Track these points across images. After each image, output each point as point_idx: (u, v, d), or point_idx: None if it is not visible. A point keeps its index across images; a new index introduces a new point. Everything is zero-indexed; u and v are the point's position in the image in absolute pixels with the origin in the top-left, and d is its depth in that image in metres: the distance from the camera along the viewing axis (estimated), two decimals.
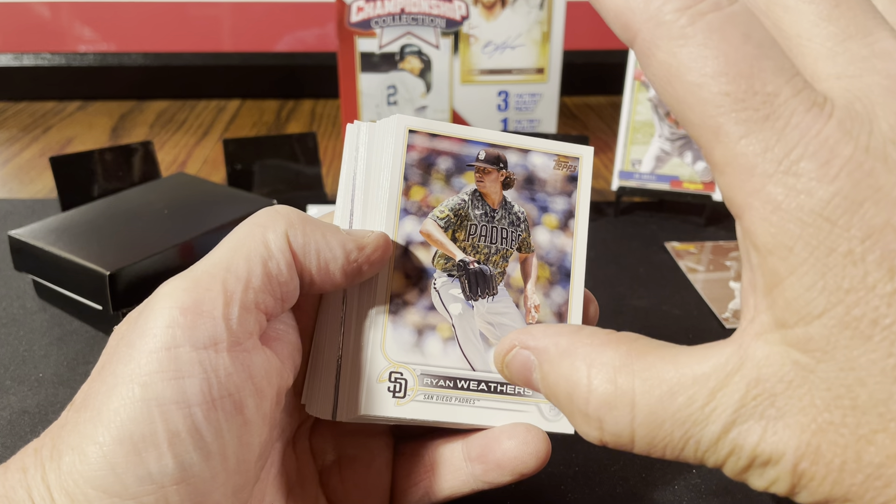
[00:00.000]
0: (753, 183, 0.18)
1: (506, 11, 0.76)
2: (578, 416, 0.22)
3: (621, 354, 0.21)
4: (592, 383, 0.21)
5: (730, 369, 0.19)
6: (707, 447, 0.20)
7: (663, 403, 0.20)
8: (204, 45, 1.03)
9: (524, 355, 0.24)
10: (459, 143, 0.31)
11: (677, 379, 0.20)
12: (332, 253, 0.27)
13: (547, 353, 0.23)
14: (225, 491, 0.23)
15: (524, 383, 0.25)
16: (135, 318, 0.24)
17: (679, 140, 0.67)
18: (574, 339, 0.23)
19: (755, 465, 0.19)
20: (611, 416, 0.21)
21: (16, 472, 0.23)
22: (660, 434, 0.20)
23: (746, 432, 0.19)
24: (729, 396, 0.19)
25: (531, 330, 0.24)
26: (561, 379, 0.22)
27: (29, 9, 1.00)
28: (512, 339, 0.25)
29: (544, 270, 0.32)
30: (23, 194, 0.73)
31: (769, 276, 0.19)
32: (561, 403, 0.23)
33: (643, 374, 0.21)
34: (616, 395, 0.21)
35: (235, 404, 0.24)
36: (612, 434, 0.21)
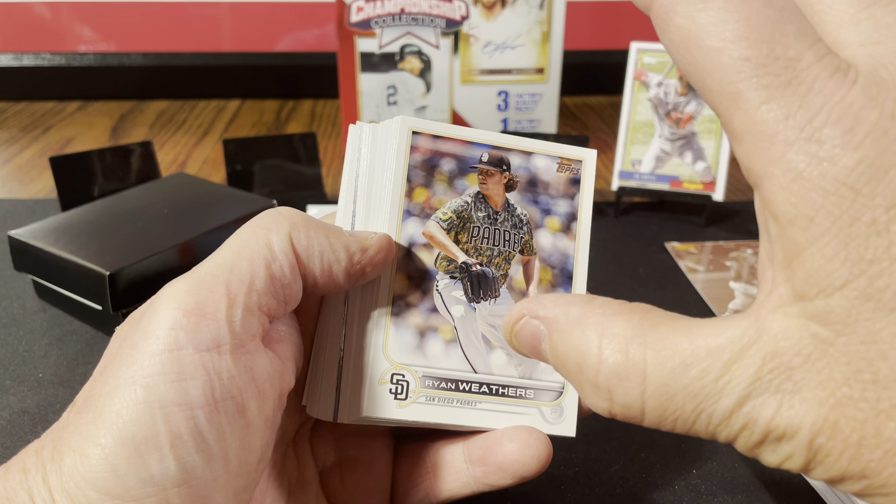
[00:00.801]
0: (774, 151, 0.18)
1: (506, 11, 0.76)
2: (588, 387, 0.22)
3: (634, 325, 0.21)
4: (603, 353, 0.21)
5: (745, 342, 0.19)
6: (719, 421, 0.19)
7: (675, 375, 0.20)
8: (204, 45, 1.03)
9: (533, 325, 0.23)
10: (462, 145, 0.31)
11: (691, 351, 0.20)
12: (335, 255, 0.27)
13: (557, 322, 0.22)
14: (226, 493, 0.23)
15: (532, 353, 0.24)
16: (137, 318, 0.24)
17: (679, 140, 0.67)
18: (585, 309, 0.22)
19: (769, 441, 0.19)
20: (621, 387, 0.20)
21: (17, 474, 0.23)
22: (671, 407, 0.20)
23: (761, 406, 0.19)
24: (744, 369, 0.19)
25: (541, 299, 0.24)
26: (571, 349, 0.22)
27: (29, 9, 0.99)
28: (521, 309, 0.24)
29: (546, 273, 0.32)
30: (23, 194, 0.73)
31: (789, 247, 0.18)
32: (570, 374, 0.22)
33: (656, 345, 0.20)
34: (627, 365, 0.20)
35: (238, 407, 0.24)
36: (622, 405, 0.21)
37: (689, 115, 0.66)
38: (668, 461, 0.39)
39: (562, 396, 0.31)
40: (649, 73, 0.67)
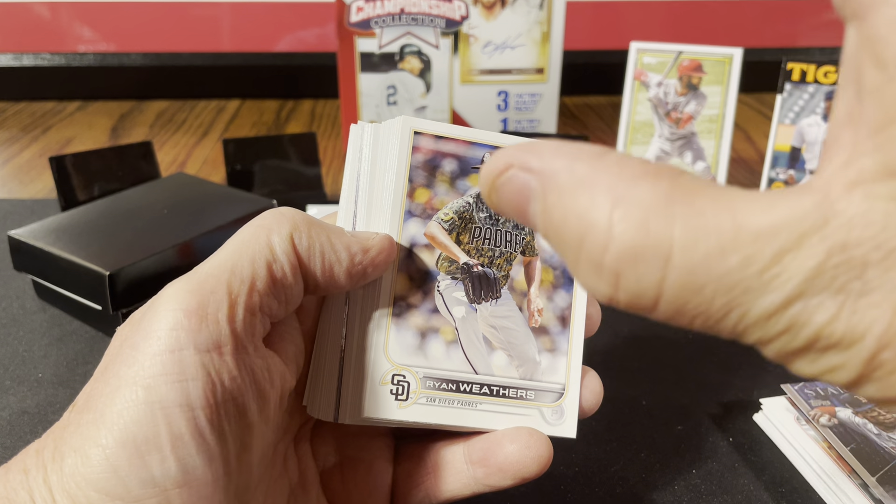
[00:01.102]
0: None
1: (506, 11, 0.76)
2: (587, 267, 0.17)
3: (660, 192, 0.16)
4: (615, 226, 0.16)
5: (808, 226, 0.15)
6: (754, 321, 0.15)
7: (709, 262, 0.15)
8: (204, 45, 1.03)
9: (522, 180, 0.18)
10: (464, 146, 0.31)
11: (733, 231, 0.15)
12: (336, 255, 0.27)
13: (556, 179, 0.17)
14: (227, 493, 0.23)
15: (516, 214, 0.19)
16: (138, 319, 0.24)
17: (679, 140, 0.67)
18: (596, 165, 0.17)
19: (815, 349, 0.15)
20: (633, 272, 0.16)
21: (17, 474, 0.23)
22: (695, 300, 0.16)
23: (815, 308, 0.15)
24: (801, 262, 0.15)
25: (537, 146, 0.18)
26: (571, 216, 0.17)
27: (29, 9, 0.99)
28: (509, 157, 0.19)
29: (548, 274, 0.32)
30: (23, 194, 0.73)
31: (891, 104, 0.14)
32: (566, 246, 0.17)
33: (688, 220, 0.16)
34: (647, 244, 0.16)
35: (239, 407, 0.24)
36: (631, 293, 0.16)
37: (688, 115, 0.66)
38: (668, 461, 0.39)
39: (562, 398, 0.31)
40: (649, 73, 0.67)
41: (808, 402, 0.39)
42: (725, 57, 0.66)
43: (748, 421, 0.42)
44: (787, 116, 0.63)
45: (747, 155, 0.85)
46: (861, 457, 0.36)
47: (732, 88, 0.66)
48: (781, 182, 0.64)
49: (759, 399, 0.42)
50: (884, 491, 0.34)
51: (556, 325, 0.31)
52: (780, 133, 0.64)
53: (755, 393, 0.45)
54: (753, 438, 0.41)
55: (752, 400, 0.44)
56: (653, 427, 0.42)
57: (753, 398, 0.44)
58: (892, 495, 0.34)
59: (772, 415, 0.41)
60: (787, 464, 0.39)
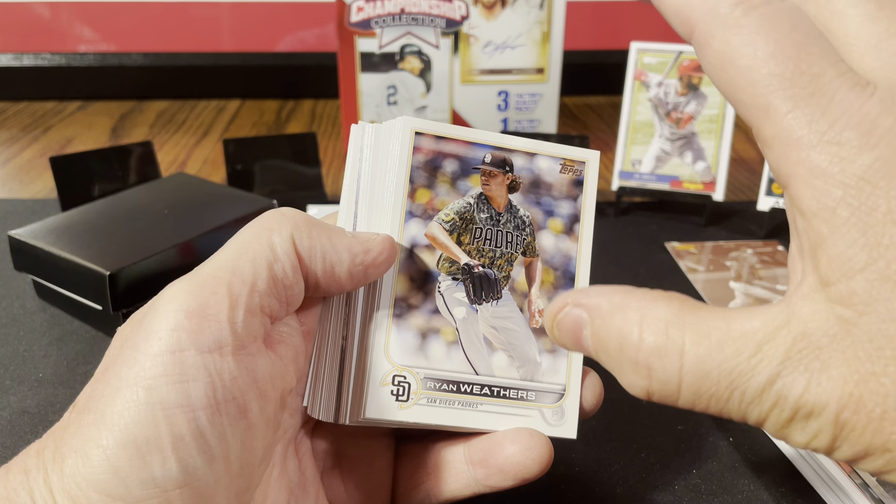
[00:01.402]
0: (799, 153, 0.20)
1: (506, 11, 0.76)
2: (627, 366, 0.22)
3: (673, 309, 0.22)
4: (644, 334, 0.22)
5: (777, 324, 0.20)
6: (752, 398, 0.20)
7: (711, 354, 0.21)
8: (204, 45, 1.03)
9: (576, 314, 0.24)
10: (465, 146, 0.31)
11: (726, 332, 0.21)
12: (337, 256, 0.27)
13: (599, 308, 0.23)
14: (228, 494, 0.23)
15: (573, 342, 0.25)
16: (139, 319, 0.24)
17: (679, 140, 0.67)
18: (627, 296, 0.23)
19: (798, 418, 0.20)
20: (660, 364, 0.22)
21: (18, 474, 0.23)
22: (706, 384, 0.21)
23: (791, 384, 0.20)
24: (775, 349, 0.20)
25: (584, 290, 0.25)
26: (613, 332, 0.23)
27: (29, 9, 0.99)
28: (564, 298, 0.25)
29: (549, 275, 0.32)
30: (23, 194, 0.73)
31: (813, 238, 0.20)
32: (610, 356, 0.23)
33: (694, 326, 0.21)
34: (667, 345, 0.21)
35: (240, 408, 0.24)
36: (660, 382, 0.22)
37: (689, 115, 0.66)
38: (668, 461, 0.39)
39: (563, 398, 0.31)
40: (649, 73, 0.67)
41: None
42: None
43: None
44: None
45: (747, 155, 0.85)
46: None
47: None
48: None
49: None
50: (884, 491, 0.34)
51: None
52: None
53: None
54: (753, 438, 0.41)
55: None
56: (653, 427, 0.42)
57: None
58: (893, 495, 0.34)
59: None
60: (787, 464, 0.39)
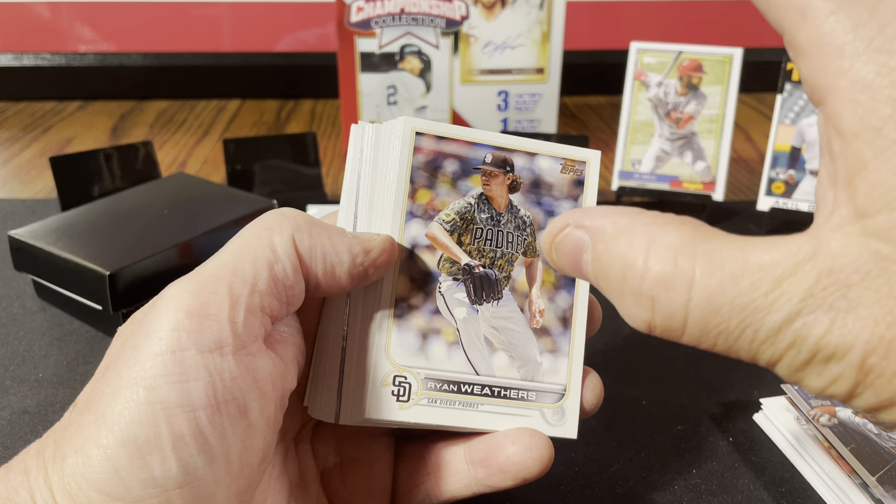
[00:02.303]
0: (842, 62, 0.18)
1: (506, 11, 0.76)
2: (629, 296, 0.21)
3: (685, 235, 0.20)
4: (650, 261, 0.20)
5: (801, 258, 0.18)
6: (765, 338, 0.19)
7: (724, 287, 0.19)
8: (204, 45, 1.03)
9: (577, 235, 0.22)
10: (466, 146, 0.31)
11: (742, 264, 0.19)
12: (338, 256, 0.27)
13: (603, 231, 0.21)
14: (228, 494, 0.23)
15: (571, 266, 0.23)
16: (139, 319, 0.24)
17: (679, 140, 0.67)
18: (634, 218, 0.21)
19: (816, 361, 0.18)
20: (665, 296, 0.20)
21: (18, 474, 0.23)
22: (715, 319, 0.19)
23: (812, 323, 0.18)
24: (797, 285, 0.18)
25: (587, 210, 0.22)
26: (616, 258, 0.21)
27: (29, 9, 0.99)
28: (566, 218, 0.23)
29: (549, 275, 0.32)
30: (23, 194, 0.73)
31: (853, 162, 0.18)
32: (611, 284, 0.21)
33: (706, 255, 0.19)
34: (674, 274, 0.20)
35: (240, 408, 0.24)
36: (664, 315, 0.20)
37: (689, 115, 0.66)
38: (668, 461, 0.39)
39: (563, 399, 0.31)
40: (649, 73, 0.67)
41: (808, 401, 0.39)
42: (725, 57, 0.66)
43: (748, 421, 0.42)
44: (787, 116, 0.63)
45: (747, 155, 0.85)
46: (861, 457, 0.36)
47: (732, 88, 0.66)
48: (781, 182, 0.64)
49: (759, 399, 0.42)
50: (884, 491, 0.34)
51: (557, 326, 0.31)
52: (780, 133, 0.64)
53: (755, 393, 0.45)
54: (753, 438, 0.41)
55: (752, 400, 0.44)
56: (653, 427, 0.42)
57: (753, 398, 0.44)
58: (892, 495, 0.34)
59: (772, 415, 0.41)
60: (787, 464, 0.39)
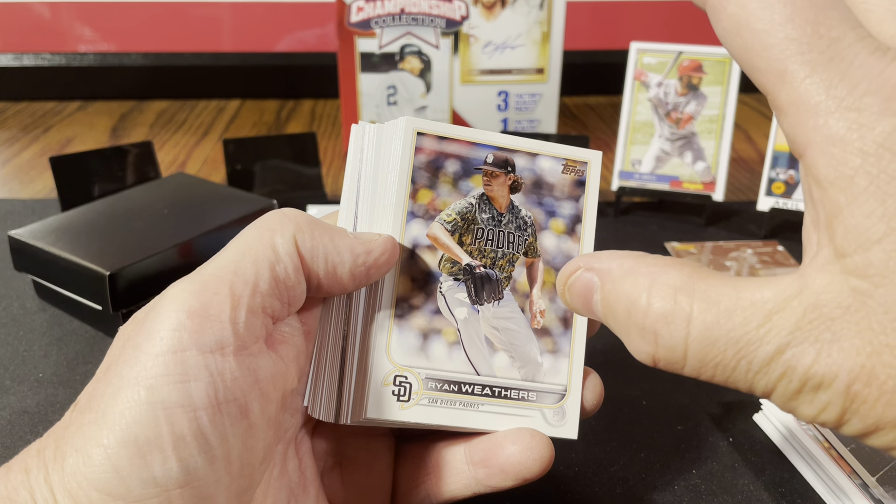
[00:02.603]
0: (817, 119, 0.19)
1: (506, 11, 0.76)
2: (634, 331, 0.22)
3: (684, 276, 0.22)
4: (652, 299, 0.22)
5: (788, 294, 0.20)
6: (759, 368, 0.20)
7: (719, 321, 0.21)
8: (204, 45, 1.03)
9: (587, 277, 0.24)
10: (467, 146, 0.31)
11: (736, 300, 0.21)
12: (339, 257, 0.27)
13: (610, 273, 0.23)
14: (228, 494, 0.23)
15: (583, 306, 0.25)
16: (141, 319, 0.24)
17: (679, 140, 0.67)
18: (639, 261, 0.23)
19: (806, 389, 0.20)
20: (667, 330, 0.21)
21: (18, 473, 0.23)
22: (712, 351, 0.21)
23: (800, 354, 0.19)
24: (785, 319, 0.20)
25: (596, 254, 0.24)
26: (622, 296, 0.23)
27: (29, 9, 0.99)
28: (577, 262, 0.25)
29: (550, 275, 0.32)
30: (23, 194, 0.73)
31: (830, 208, 0.19)
32: (618, 321, 0.23)
33: (703, 294, 0.21)
34: (674, 311, 0.21)
35: (241, 408, 0.24)
36: (666, 348, 0.22)
37: (689, 115, 0.66)
38: (668, 461, 0.39)
39: (564, 399, 0.31)
40: (649, 73, 0.67)
41: None
42: (725, 57, 0.66)
43: (748, 421, 0.42)
44: None
45: (747, 155, 0.85)
46: (861, 457, 0.36)
47: (732, 88, 0.66)
48: (781, 182, 0.64)
49: (759, 399, 0.42)
50: (884, 491, 0.34)
51: (558, 326, 0.31)
52: (780, 133, 0.64)
53: None
54: (753, 438, 0.41)
55: (752, 400, 0.44)
56: (653, 427, 0.42)
57: (753, 398, 0.44)
58: (892, 495, 0.34)
59: (772, 415, 0.41)
60: (787, 464, 0.39)
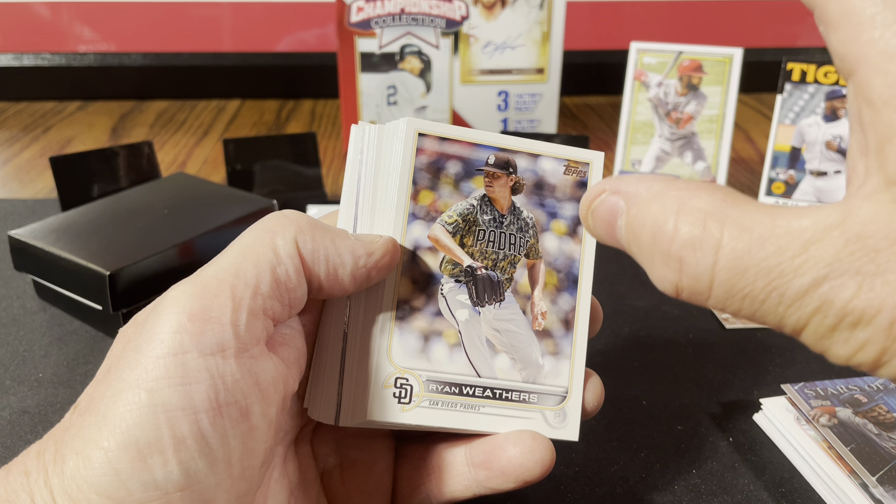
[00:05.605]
0: (872, 33, 0.18)
1: (506, 11, 0.76)
2: (659, 258, 0.21)
3: (716, 200, 0.20)
4: (679, 224, 0.20)
5: (829, 224, 0.18)
6: (791, 301, 0.19)
7: (751, 250, 0.19)
8: (204, 45, 1.02)
9: (612, 201, 0.23)
10: (469, 147, 0.31)
11: (770, 229, 0.19)
12: (340, 258, 0.27)
13: (637, 196, 0.22)
14: (229, 497, 0.23)
15: (606, 231, 0.23)
16: (141, 321, 0.24)
17: (679, 140, 0.67)
18: (669, 184, 0.22)
19: (843, 326, 0.18)
20: (693, 257, 0.20)
21: (18, 476, 0.23)
22: (741, 282, 0.19)
23: (839, 287, 0.18)
24: (824, 250, 0.18)
25: (624, 177, 0.23)
26: (647, 220, 0.21)
27: (29, 9, 0.99)
28: (602, 185, 0.23)
29: (552, 277, 0.32)
30: (23, 194, 0.73)
31: (883, 130, 0.18)
32: (642, 247, 0.22)
33: (735, 219, 0.20)
34: (703, 237, 0.20)
35: (241, 411, 0.24)
36: (691, 277, 0.20)
37: (689, 115, 0.66)
38: (668, 461, 0.39)
39: (565, 401, 0.31)
40: (649, 73, 0.67)
41: (808, 402, 0.39)
42: (725, 57, 0.66)
43: (748, 421, 0.42)
44: (787, 116, 0.63)
45: (747, 155, 0.85)
46: (861, 457, 0.36)
47: (732, 88, 0.66)
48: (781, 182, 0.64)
49: (759, 399, 0.42)
50: (884, 491, 0.34)
51: (559, 328, 0.31)
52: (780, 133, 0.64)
53: (755, 393, 0.45)
54: (753, 438, 0.41)
55: (752, 400, 0.44)
56: (653, 427, 0.42)
57: (753, 398, 0.44)
58: (892, 495, 0.34)
59: (772, 415, 0.41)
60: (787, 464, 0.39)
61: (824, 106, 0.63)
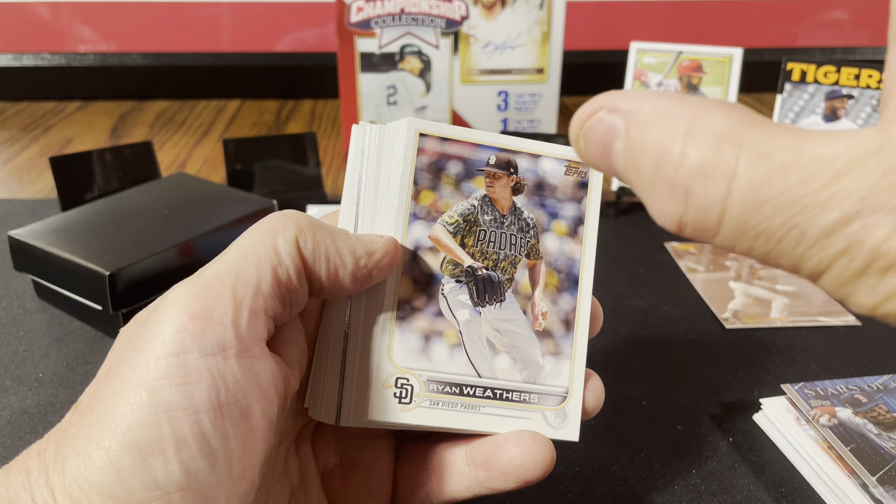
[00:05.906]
0: None
1: (506, 11, 0.76)
2: (661, 188, 0.18)
3: (733, 120, 0.17)
4: (688, 148, 0.17)
5: (864, 151, 0.16)
6: (814, 241, 0.16)
7: (770, 180, 0.16)
8: (204, 45, 1.03)
9: (609, 120, 0.19)
10: (470, 148, 0.31)
11: (795, 155, 0.16)
12: (341, 259, 0.27)
13: (639, 115, 0.19)
14: (230, 497, 0.23)
15: (599, 157, 0.20)
16: (142, 321, 0.24)
17: None
18: (678, 101, 0.18)
19: (872, 271, 0.16)
20: (702, 187, 0.17)
21: (19, 476, 0.23)
22: (756, 217, 0.16)
23: (872, 226, 0.15)
24: (857, 181, 0.15)
25: (625, 92, 0.20)
26: (650, 144, 0.18)
27: (29, 9, 0.99)
28: (599, 100, 0.20)
29: (552, 277, 0.32)
30: (23, 194, 0.73)
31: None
32: (643, 176, 0.18)
33: (754, 143, 0.17)
34: (715, 163, 0.17)
35: (242, 411, 0.24)
36: (698, 210, 0.17)
37: None
38: (668, 461, 0.39)
39: (565, 401, 0.31)
40: (649, 73, 0.67)
41: (808, 402, 0.39)
42: (725, 57, 0.66)
43: (748, 421, 0.42)
44: (787, 116, 0.63)
45: None
46: (861, 457, 0.36)
47: (732, 88, 0.66)
48: None
49: (759, 399, 0.42)
50: (884, 491, 0.34)
51: (559, 328, 0.31)
52: None
53: (755, 393, 0.45)
54: (753, 438, 0.41)
55: (752, 400, 0.44)
56: (653, 427, 0.42)
57: (753, 398, 0.44)
58: (892, 495, 0.34)
59: (772, 415, 0.41)
60: (787, 464, 0.39)
61: (824, 106, 0.63)
